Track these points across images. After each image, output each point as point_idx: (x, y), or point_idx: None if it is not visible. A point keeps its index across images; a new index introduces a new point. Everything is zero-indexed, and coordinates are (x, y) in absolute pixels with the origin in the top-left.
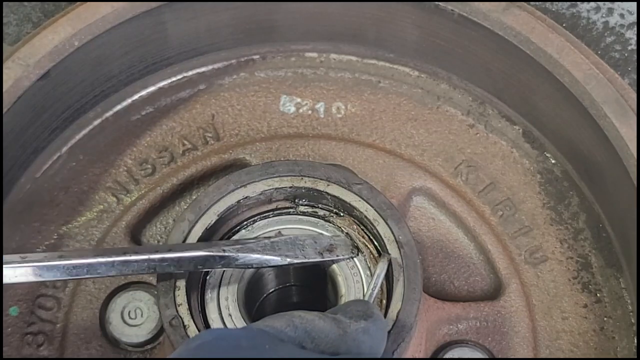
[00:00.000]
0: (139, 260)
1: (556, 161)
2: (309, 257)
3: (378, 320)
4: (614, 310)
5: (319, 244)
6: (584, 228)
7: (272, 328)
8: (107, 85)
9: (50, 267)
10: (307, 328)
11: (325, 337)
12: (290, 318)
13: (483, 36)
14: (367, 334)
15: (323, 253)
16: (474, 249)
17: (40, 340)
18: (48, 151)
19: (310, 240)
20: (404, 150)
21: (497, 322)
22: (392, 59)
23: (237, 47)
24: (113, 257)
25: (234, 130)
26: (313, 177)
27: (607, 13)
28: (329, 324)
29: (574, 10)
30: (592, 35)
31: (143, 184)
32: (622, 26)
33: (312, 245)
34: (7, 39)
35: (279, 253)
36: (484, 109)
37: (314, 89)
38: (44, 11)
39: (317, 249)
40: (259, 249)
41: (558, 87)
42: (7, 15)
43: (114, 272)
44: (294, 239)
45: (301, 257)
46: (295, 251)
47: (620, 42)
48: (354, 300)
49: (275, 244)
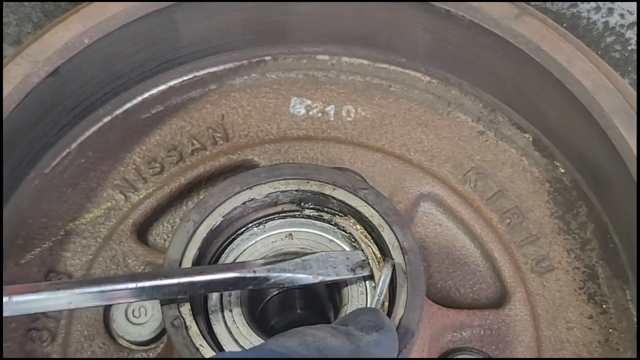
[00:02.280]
0: (170, 284)
1: (565, 170)
2: (341, 275)
3: (389, 331)
4: (619, 322)
5: (352, 260)
6: (592, 238)
7: (284, 348)
8: (117, 83)
9: (82, 295)
10: (320, 347)
11: (338, 354)
12: (302, 337)
13: (494, 43)
14: (379, 347)
15: (355, 270)
16: (480, 256)
17: (44, 336)
18: (57, 147)
19: (342, 257)
20: (413, 155)
21: (502, 330)
22: (404, 64)
23: (248, 48)
24: (144, 283)
25: (244, 131)
26: (319, 181)
27: (607, 13)
28: (341, 340)
29: (574, 10)
30: (592, 35)
31: (151, 183)
32: (622, 26)
33: (344, 262)
34: (7, 39)
35: (311, 272)
36: (494, 116)
37: (324, 92)
38: (44, 11)
39: (349, 266)
40: (290, 268)
41: (567, 96)
42: (7, 15)
43: (145, 297)
44: (326, 257)
45: (333, 274)
46: (327, 269)
47: (620, 42)
48: (363, 309)
49: (307, 263)
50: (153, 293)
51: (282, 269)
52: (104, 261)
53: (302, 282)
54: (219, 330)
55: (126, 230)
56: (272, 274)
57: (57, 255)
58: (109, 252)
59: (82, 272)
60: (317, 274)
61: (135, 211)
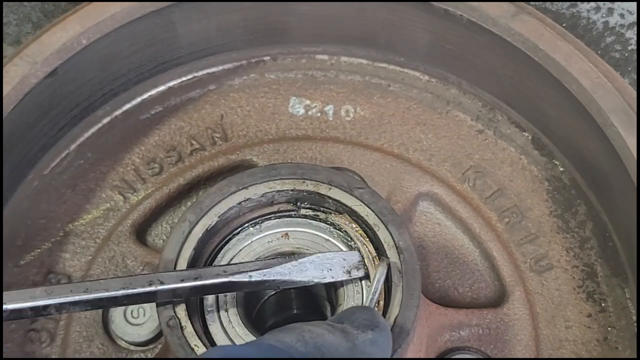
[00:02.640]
0: (165, 290)
1: (564, 169)
2: (337, 277)
3: (384, 330)
4: (618, 320)
5: (348, 261)
6: (591, 237)
7: (283, 343)
8: (116, 84)
9: (76, 302)
10: (318, 343)
11: (335, 352)
12: (300, 333)
13: (492, 42)
14: (375, 345)
15: (351, 271)
16: (479, 255)
17: (43, 337)
18: (56, 148)
19: (338, 258)
20: (412, 154)
21: (500, 329)
22: (403, 63)
23: (247, 48)
24: (139, 289)
25: (242, 131)
26: (315, 181)
27: (607, 13)
28: (338, 337)
29: (574, 10)
30: (592, 35)
31: (150, 183)
32: (622, 26)
33: (340, 264)
34: (7, 39)
35: (306, 275)
36: (493, 114)
37: (323, 92)
38: (44, 11)
39: (344, 267)
40: (286, 271)
41: (566, 94)
42: (7, 15)
43: (141, 302)
44: (322, 258)
45: (329, 277)
46: (323, 271)
47: (620, 42)
48: (358, 307)
49: (302, 265)
50: (149, 298)
51: (277, 272)
52: (103, 262)
53: (298, 285)
54: (215, 331)
55: (125, 231)
56: (267, 278)
57: (56, 256)
58: (108, 253)
59: (81, 272)
60: (312, 277)
61: (134, 212)
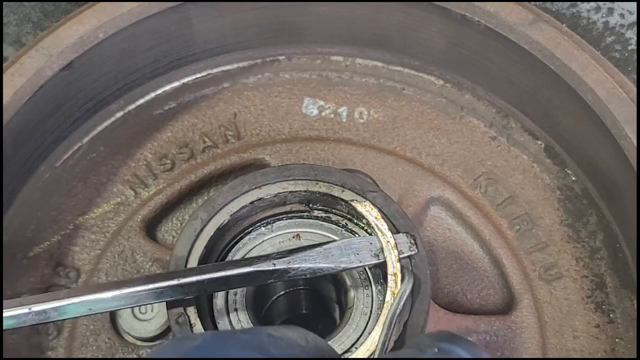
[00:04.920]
0: (189, 283)
1: (577, 178)
2: (364, 261)
3: None
4: (626, 332)
5: (375, 245)
6: (601, 247)
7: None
8: (130, 79)
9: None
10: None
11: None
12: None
13: (508, 49)
14: None
15: (379, 255)
16: (488, 262)
17: (50, 330)
18: (69, 141)
19: (365, 243)
20: (424, 159)
21: (507, 337)
22: (418, 67)
23: (263, 47)
24: (164, 283)
25: (255, 130)
26: (328, 182)
27: (607, 13)
28: None
29: (574, 10)
30: (592, 35)
31: (161, 179)
32: (622, 26)
33: (367, 248)
34: (7, 39)
35: (332, 260)
36: (507, 121)
37: (337, 93)
38: (44, 11)
39: (372, 251)
40: (311, 258)
41: (581, 104)
42: (7, 15)
43: (165, 298)
44: (348, 243)
45: (356, 261)
46: (350, 256)
47: (620, 42)
48: None
49: (328, 251)
50: (173, 293)
51: (302, 259)
52: (112, 256)
53: (324, 271)
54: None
55: (135, 226)
56: (292, 266)
57: (65, 249)
58: (117, 248)
59: (90, 266)
60: (340, 262)
61: (144, 207)
